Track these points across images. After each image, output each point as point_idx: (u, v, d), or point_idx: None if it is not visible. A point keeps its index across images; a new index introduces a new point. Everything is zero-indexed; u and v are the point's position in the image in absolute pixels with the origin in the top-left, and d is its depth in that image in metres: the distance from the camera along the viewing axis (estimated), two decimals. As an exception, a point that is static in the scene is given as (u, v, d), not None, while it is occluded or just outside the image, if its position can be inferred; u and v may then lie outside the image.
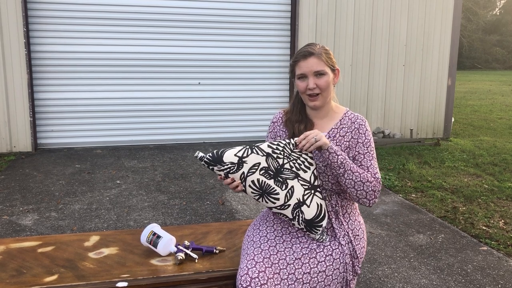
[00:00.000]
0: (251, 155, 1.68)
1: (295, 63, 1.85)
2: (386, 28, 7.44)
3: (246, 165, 1.67)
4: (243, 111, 7.31)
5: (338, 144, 1.84)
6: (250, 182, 1.69)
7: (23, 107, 6.29)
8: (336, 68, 1.86)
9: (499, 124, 9.67)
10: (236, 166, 1.67)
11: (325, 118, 1.90)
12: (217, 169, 1.67)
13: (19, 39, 6.13)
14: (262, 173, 1.68)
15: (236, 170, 1.67)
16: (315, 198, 1.73)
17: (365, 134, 1.84)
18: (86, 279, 1.70)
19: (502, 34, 40.18)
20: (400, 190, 4.84)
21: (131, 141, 6.94)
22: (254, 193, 1.71)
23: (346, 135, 1.85)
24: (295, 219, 1.74)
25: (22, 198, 4.38)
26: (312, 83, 1.80)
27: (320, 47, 1.83)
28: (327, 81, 1.81)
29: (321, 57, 1.79)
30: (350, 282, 1.77)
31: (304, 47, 1.84)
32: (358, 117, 1.88)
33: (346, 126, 1.86)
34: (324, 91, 1.82)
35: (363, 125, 1.85)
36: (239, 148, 1.70)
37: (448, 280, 2.90)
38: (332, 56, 1.85)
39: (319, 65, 1.79)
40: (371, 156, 1.82)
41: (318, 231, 1.75)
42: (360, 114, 7.52)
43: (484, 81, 23.96)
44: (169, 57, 6.90)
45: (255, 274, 1.62)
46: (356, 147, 1.83)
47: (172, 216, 3.96)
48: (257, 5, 7.09)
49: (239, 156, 1.67)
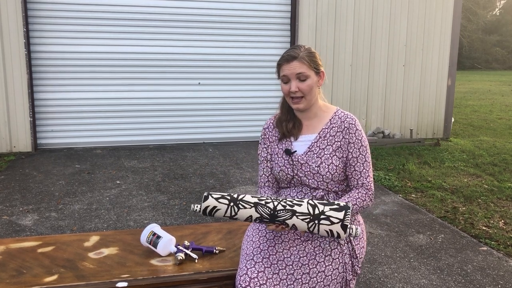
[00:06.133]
0: (240, 212, 1.61)
1: (279, 67, 1.85)
2: (386, 28, 7.44)
3: (239, 220, 1.63)
4: (243, 111, 7.31)
5: (329, 144, 1.84)
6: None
7: (23, 107, 6.29)
8: (321, 70, 1.85)
9: (499, 124, 9.67)
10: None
11: (314, 118, 1.90)
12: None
13: (19, 39, 6.13)
14: (258, 222, 1.62)
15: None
16: (322, 226, 1.58)
17: (355, 134, 1.83)
18: (86, 279, 1.70)
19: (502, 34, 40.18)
20: (400, 190, 4.84)
21: (131, 141, 6.94)
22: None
23: (337, 135, 1.84)
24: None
25: (22, 198, 4.38)
26: (294, 87, 1.80)
27: (305, 49, 1.82)
28: (310, 85, 1.80)
29: (303, 61, 1.79)
30: (350, 282, 1.77)
31: (288, 50, 1.83)
32: (348, 116, 1.87)
33: (336, 125, 1.86)
34: (307, 94, 1.81)
35: (353, 124, 1.84)
36: (224, 207, 1.62)
37: (448, 280, 2.90)
38: (317, 58, 1.84)
39: (302, 68, 1.79)
40: (364, 159, 1.83)
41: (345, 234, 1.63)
42: (360, 114, 7.53)
43: (484, 81, 23.96)
44: (169, 57, 6.90)
45: (254, 274, 1.62)
46: (348, 147, 1.83)
47: (172, 216, 3.96)
48: (257, 5, 7.09)
49: (229, 216, 1.62)
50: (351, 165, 1.83)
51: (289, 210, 1.59)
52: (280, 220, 1.59)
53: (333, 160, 1.81)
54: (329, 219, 1.57)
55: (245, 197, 1.63)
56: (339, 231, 1.57)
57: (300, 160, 1.84)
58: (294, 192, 1.87)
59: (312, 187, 1.84)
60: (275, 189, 1.96)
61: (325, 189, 1.83)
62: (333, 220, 1.57)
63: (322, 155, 1.82)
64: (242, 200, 1.62)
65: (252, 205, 1.61)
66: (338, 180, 1.84)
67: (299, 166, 1.84)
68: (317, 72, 1.84)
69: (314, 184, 1.83)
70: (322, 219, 1.58)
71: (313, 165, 1.81)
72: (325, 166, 1.80)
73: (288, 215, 1.59)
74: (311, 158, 1.83)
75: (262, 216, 1.60)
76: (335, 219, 1.57)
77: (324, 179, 1.81)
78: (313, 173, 1.82)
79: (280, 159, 1.88)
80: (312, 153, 1.84)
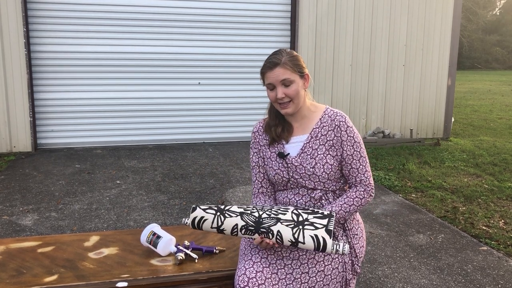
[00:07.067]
0: (226, 221, 1.66)
1: (262, 75, 1.83)
2: (386, 28, 7.44)
3: (226, 231, 1.66)
4: (243, 111, 7.31)
5: (322, 144, 1.83)
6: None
7: (23, 107, 6.29)
8: (305, 73, 1.84)
9: (499, 124, 9.67)
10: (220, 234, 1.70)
11: (303, 119, 1.89)
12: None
13: (19, 39, 6.13)
14: (243, 232, 1.65)
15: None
16: (307, 231, 1.60)
17: (346, 131, 1.82)
18: (86, 279, 1.70)
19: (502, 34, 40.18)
20: (400, 190, 4.84)
21: (131, 141, 6.94)
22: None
23: (329, 134, 1.83)
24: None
25: (22, 198, 4.38)
26: (280, 93, 1.78)
27: (287, 54, 1.80)
28: (295, 89, 1.79)
29: (286, 66, 1.77)
30: (350, 282, 1.77)
31: (270, 57, 1.81)
32: (337, 113, 1.86)
33: (327, 124, 1.85)
34: (294, 98, 1.80)
35: (343, 122, 1.83)
36: (211, 217, 1.67)
37: (448, 280, 2.90)
38: (301, 61, 1.82)
39: (285, 74, 1.77)
40: (359, 155, 1.82)
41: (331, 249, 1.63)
42: (360, 114, 7.53)
43: (484, 81, 23.97)
44: (169, 57, 6.90)
45: (252, 274, 1.62)
46: (341, 145, 1.82)
47: (172, 216, 3.96)
48: (257, 5, 7.09)
49: (216, 227, 1.67)
50: (347, 163, 1.82)
51: (274, 218, 1.64)
52: (265, 227, 1.62)
53: (327, 159, 1.80)
54: (313, 224, 1.61)
55: (231, 208, 1.69)
56: (324, 236, 1.58)
57: (294, 162, 1.83)
58: (291, 194, 1.85)
59: (310, 188, 1.83)
60: (270, 195, 1.94)
61: (323, 189, 1.83)
62: (317, 226, 1.60)
63: (316, 156, 1.81)
64: (229, 210, 1.68)
65: (238, 214, 1.66)
66: (334, 178, 1.83)
67: (294, 169, 1.83)
68: (302, 75, 1.82)
69: (311, 185, 1.82)
70: (306, 225, 1.61)
71: (308, 166, 1.80)
72: (320, 166, 1.79)
73: (273, 222, 1.62)
74: (305, 160, 1.82)
75: (248, 223, 1.63)
76: (319, 224, 1.61)
77: (320, 179, 1.81)
78: (308, 174, 1.81)
79: (274, 163, 1.87)
80: (305, 154, 1.83)
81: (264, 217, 1.64)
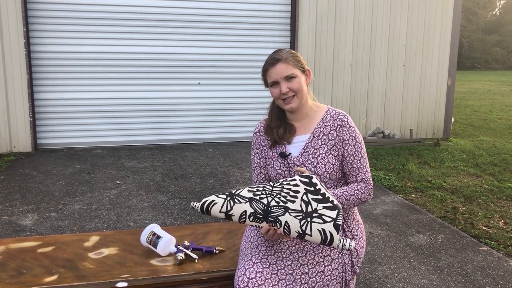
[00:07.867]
0: (235, 206, 1.65)
1: (265, 73, 1.85)
2: (386, 28, 7.45)
3: (234, 217, 1.65)
4: (243, 111, 7.31)
5: (323, 143, 1.83)
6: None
7: (23, 107, 6.29)
8: (306, 69, 1.86)
9: (499, 124, 9.67)
10: (227, 220, 1.69)
11: (305, 119, 1.89)
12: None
13: (19, 39, 6.13)
14: (252, 219, 1.64)
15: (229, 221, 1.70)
16: (314, 225, 1.58)
17: (349, 131, 1.83)
18: (86, 279, 1.70)
19: (502, 34, 40.18)
20: (400, 190, 4.84)
21: (131, 141, 6.94)
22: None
23: (330, 133, 1.84)
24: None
25: (22, 198, 4.38)
26: (284, 88, 1.79)
27: (286, 51, 1.83)
28: (299, 83, 1.81)
29: (288, 61, 1.79)
30: (350, 282, 1.77)
31: (271, 55, 1.84)
32: (340, 113, 1.87)
33: (329, 124, 1.86)
34: (298, 92, 1.81)
35: (345, 122, 1.84)
36: (221, 201, 1.67)
37: (448, 280, 2.90)
38: (300, 58, 1.85)
39: (288, 69, 1.79)
40: (360, 155, 1.83)
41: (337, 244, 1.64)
42: (360, 114, 7.53)
43: (484, 81, 23.97)
44: (169, 57, 6.91)
45: (252, 274, 1.62)
46: (343, 145, 1.83)
47: (172, 216, 3.96)
48: (257, 5, 7.10)
49: (224, 212, 1.66)
50: (348, 162, 1.83)
51: (282, 206, 1.62)
52: (273, 217, 1.61)
53: (329, 159, 1.81)
54: (321, 217, 1.59)
55: (241, 192, 1.67)
56: (332, 231, 1.57)
57: (296, 162, 1.83)
58: None
59: None
60: None
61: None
62: (326, 219, 1.58)
63: (318, 155, 1.81)
64: (238, 195, 1.66)
65: (247, 199, 1.64)
66: (336, 178, 1.84)
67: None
68: (303, 71, 1.85)
69: None
70: (314, 217, 1.59)
71: (310, 166, 1.81)
72: (321, 166, 1.80)
73: (281, 212, 1.61)
74: (307, 159, 1.82)
75: (256, 211, 1.62)
76: (327, 217, 1.58)
77: (322, 179, 1.81)
78: (311, 173, 1.81)
79: (275, 163, 1.87)
80: (307, 154, 1.83)
81: (273, 205, 1.63)
